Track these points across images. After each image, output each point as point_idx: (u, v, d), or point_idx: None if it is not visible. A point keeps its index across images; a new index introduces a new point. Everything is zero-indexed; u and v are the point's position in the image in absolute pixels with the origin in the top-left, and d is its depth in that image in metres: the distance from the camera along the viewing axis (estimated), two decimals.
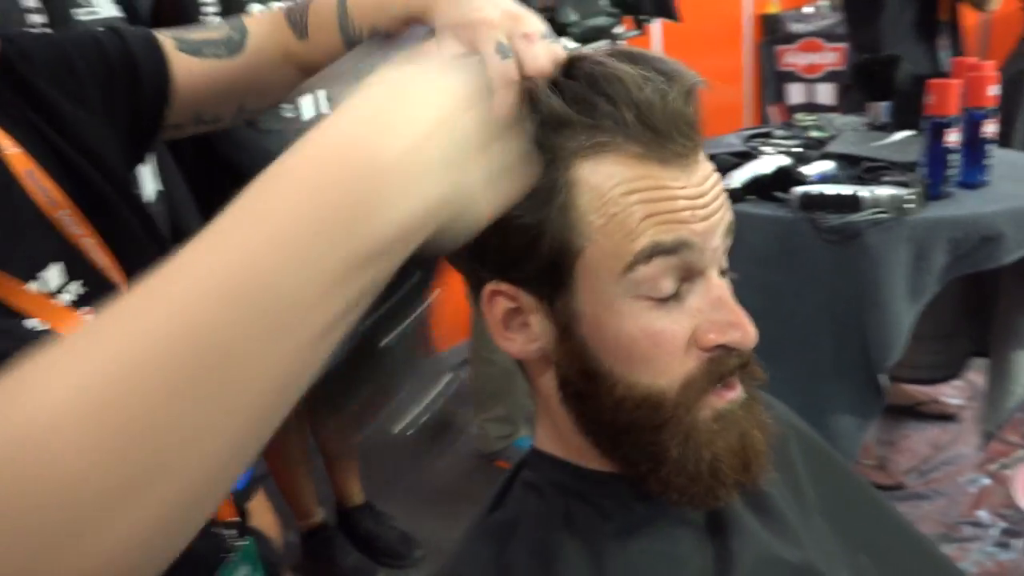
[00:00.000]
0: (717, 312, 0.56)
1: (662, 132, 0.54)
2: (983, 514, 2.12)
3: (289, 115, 1.71)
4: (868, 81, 1.59)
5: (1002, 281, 1.60)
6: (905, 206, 1.23)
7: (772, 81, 4.53)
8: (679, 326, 0.56)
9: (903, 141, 1.50)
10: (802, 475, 0.78)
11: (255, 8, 1.60)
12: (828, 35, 4.25)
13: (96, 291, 0.60)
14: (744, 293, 1.42)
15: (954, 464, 2.32)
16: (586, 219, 0.55)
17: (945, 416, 2.51)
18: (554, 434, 0.65)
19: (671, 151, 0.54)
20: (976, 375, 2.31)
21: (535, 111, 0.54)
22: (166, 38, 0.73)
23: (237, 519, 0.69)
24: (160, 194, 1.34)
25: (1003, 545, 2.01)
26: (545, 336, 0.59)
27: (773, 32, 4.48)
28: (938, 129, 1.30)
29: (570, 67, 0.56)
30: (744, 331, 0.56)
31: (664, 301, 0.55)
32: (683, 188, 0.54)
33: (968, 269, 1.25)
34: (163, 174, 1.36)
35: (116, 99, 0.69)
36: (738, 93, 4.51)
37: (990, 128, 1.36)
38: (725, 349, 0.56)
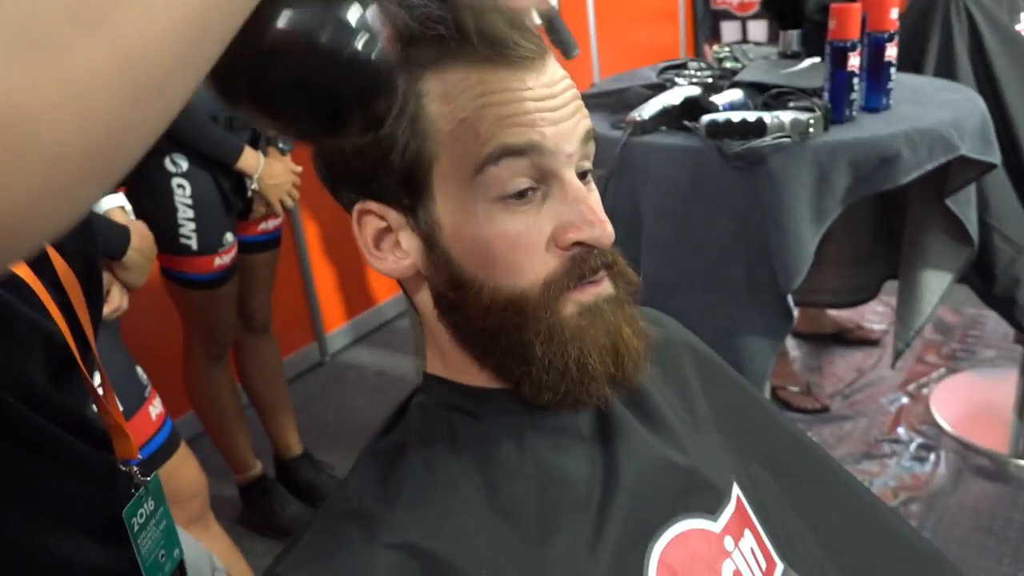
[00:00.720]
0: (574, 211, 0.58)
1: (504, 37, 0.56)
2: (902, 431, 2.22)
3: None
4: (778, 9, 1.61)
5: (909, 204, 1.65)
6: (809, 130, 1.26)
7: (707, 19, 4.53)
8: (535, 228, 0.58)
9: (811, 68, 1.52)
10: (695, 390, 0.80)
11: None
12: None
13: None
14: (657, 223, 1.45)
15: (876, 386, 2.42)
16: (436, 126, 0.56)
17: (869, 341, 2.61)
18: (439, 355, 0.66)
19: (515, 55, 0.56)
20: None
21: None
22: None
23: (139, 457, 0.69)
24: None
25: (920, 459, 2.11)
26: (414, 252, 0.60)
27: None
28: (840, 53, 1.32)
29: None
30: (602, 227, 0.58)
31: (520, 204, 0.57)
32: (530, 90, 0.56)
33: (868, 191, 1.28)
34: None
35: None
36: (675, 31, 4.51)
37: (892, 52, 1.38)
38: (585, 247, 0.58)
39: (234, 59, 0.36)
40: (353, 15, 0.38)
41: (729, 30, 4.45)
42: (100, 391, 0.68)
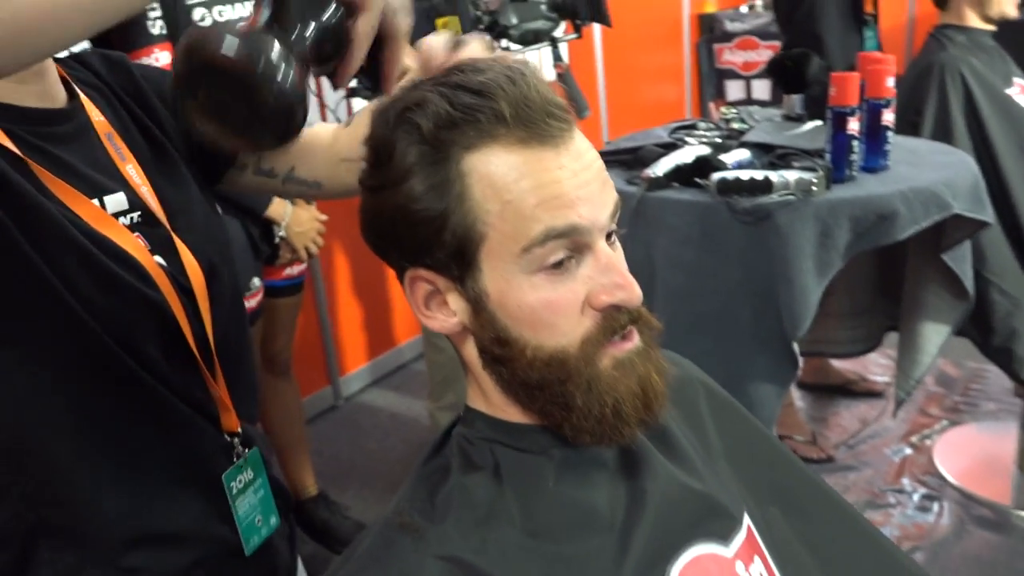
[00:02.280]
0: (605, 276, 0.65)
1: (536, 119, 0.62)
2: (905, 481, 2.26)
3: None
4: (783, 75, 1.71)
5: (909, 259, 1.73)
6: (812, 188, 1.34)
7: (712, 78, 4.66)
8: (572, 293, 0.65)
9: (813, 130, 1.61)
10: (710, 426, 0.87)
11: (197, 13, 1.65)
12: (763, 33, 4.40)
13: (146, 223, 0.75)
14: (669, 272, 1.53)
15: (880, 437, 2.46)
16: (483, 207, 0.63)
17: (873, 393, 2.66)
18: (480, 394, 0.73)
19: (547, 135, 0.63)
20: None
21: (427, 116, 0.63)
22: None
23: (240, 431, 0.79)
24: None
25: (923, 509, 2.14)
26: (461, 312, 0.68)
27: (711, 31, 4.62)
28: (840, 118, 1.41)
29: (451, 75, 0.66)
30: (630, 290, 0.65)
31: (558, 273, 0.64)
32: (563, 168, 0.63)
33: (868, 245, 1.36)
34: None
35: None
36: (681, 90, 4.65)
37: (889, 117, 1.47)
38: (615, 308, 0.66)
39: (190, 69, 0.58)
40: (278, 55, 0.58)
41: (734, 88, 4.57)
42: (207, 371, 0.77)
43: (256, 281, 1.85)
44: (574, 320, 0.65)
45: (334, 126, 0.89)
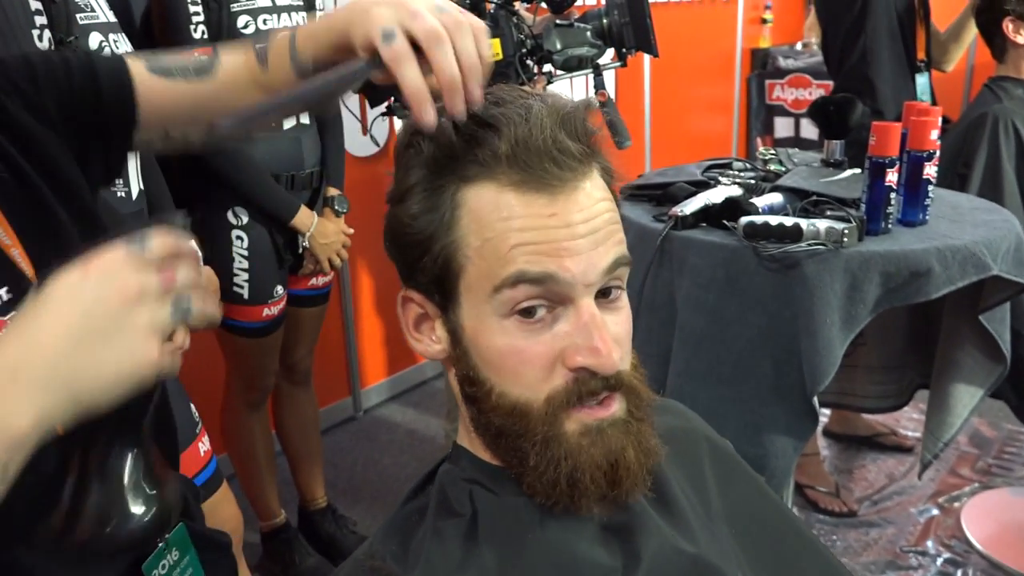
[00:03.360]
0: (581, 336, 0.61)
1: (533, 164, 0.60)
2: (930, 544, 2.17)
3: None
4: (824, 119, 1.67)
5: (944, 317, 1.67)
6: (843, 239, 1.30)
7: (760, 113, 4.61)
8: (544, 346, 0.62)
9: (851, 178, 1.57)
10: (711, 484, 0.83)
11: (241, 20, 1.66)
12: (816, 72, 4.34)
13: (20, 297, 0.64)
14: (690, 315, 1.49)
15: (906, 495, 2.38)
16: (466, 240, 0.61)
17: (902, 448, 2.57)
18: (465, 430, 0.71)
19: (545, 181, 0.60)
20: None
21: (432, 140, 0.62)
22: (136, 60, 0.78)
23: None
24: (141, 193, 1.40)
25: (946, 574, 2.06)
26: (444, 340, 0.66)
27: (763, 66, 4.57)
28: (879, 168, 1.36)
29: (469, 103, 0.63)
30: (607, 357, 0.61)
31: (529, 322, 0.61)
32: (555, 216, 0.60)
33: (898, 302, 1.31)
34: (144, 172, 1.42)
35: (79, 116, 0.74)
36: (728, 124, 4.60)
37: (930, 170, 1.42)
38: (588, 371, 0.62)
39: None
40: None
41: (782, 125, 4.52)
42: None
43: (279, 289, 1.86)
44: (542, 374, 0.62)
45: (246, 62, 0.79)
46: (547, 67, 1.99)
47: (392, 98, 1.75)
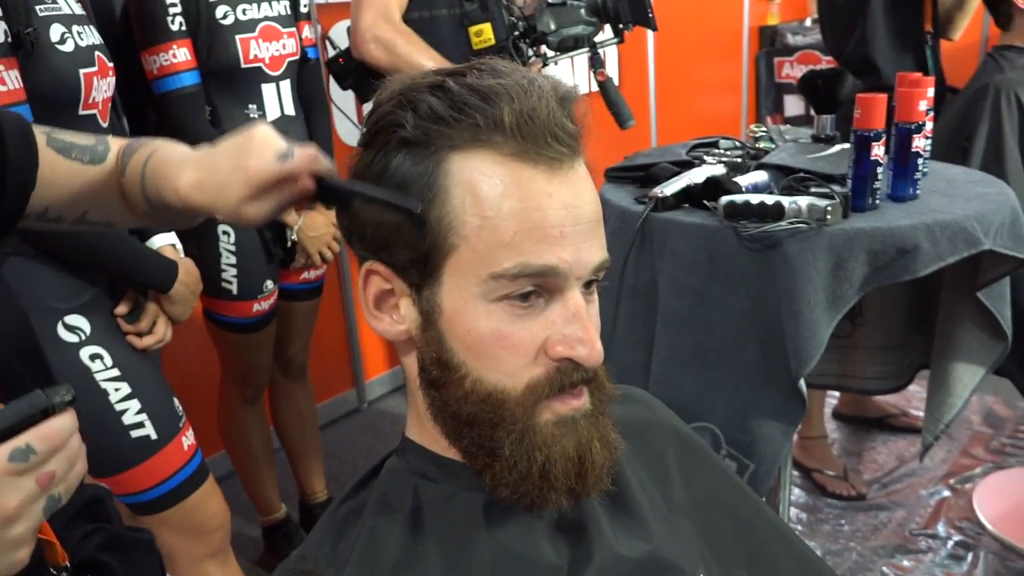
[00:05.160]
0: (569, 327, 0.60)
1: (538, 136, 0.57)
2: (940, 526, 2.13)
3: (253, 116, 1.76)
4: (814, 93, 1.62)
5: (942, 294, 1.62)
6: (826, 216, 1.26)
7: (770, 92, 4.54)
8: (530, 334, 0.60)
9: (839, 154, 1.52)
10: (674, 476, 0.81)
11: (220, 10, 1.64)
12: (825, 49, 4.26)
13: None
14: (673, 299, 1.46)
15: (917, 476, 2.33)
16: (461, 219, 0.58)
17: (913, 429, 2.52)
18: (416, 420, 0.68)
19: (545, 155, 0.57)
20: None
21: (414, 110, 0.58)
22: (40, 132, 0.76)
23: (67, 563, 0.69)
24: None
25: (957, 557, 2.02)
26: (411, 321, 0.63)
27: (772, 43, 4.49)
28: (864, 142, 1.32)
29: (467, 72, 0.60)
30: (591, 348, 0.60)
31: (522, 307, 0.59)
32: (552, 196, 0.57)
33: (886, 280, 1.27)
34: None
35: None
36: (737, 103, 4.53)
37: (920, 143, 1.37)
38: (571, 362, 0.60)
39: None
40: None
41: (792, 103, 4.44)
42: None
43: (269, 284, 1.85)
44: (523, 362, 0.60)
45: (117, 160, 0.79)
46: (542, 49, 1.96)
47: None
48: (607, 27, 1.91)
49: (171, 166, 0.72)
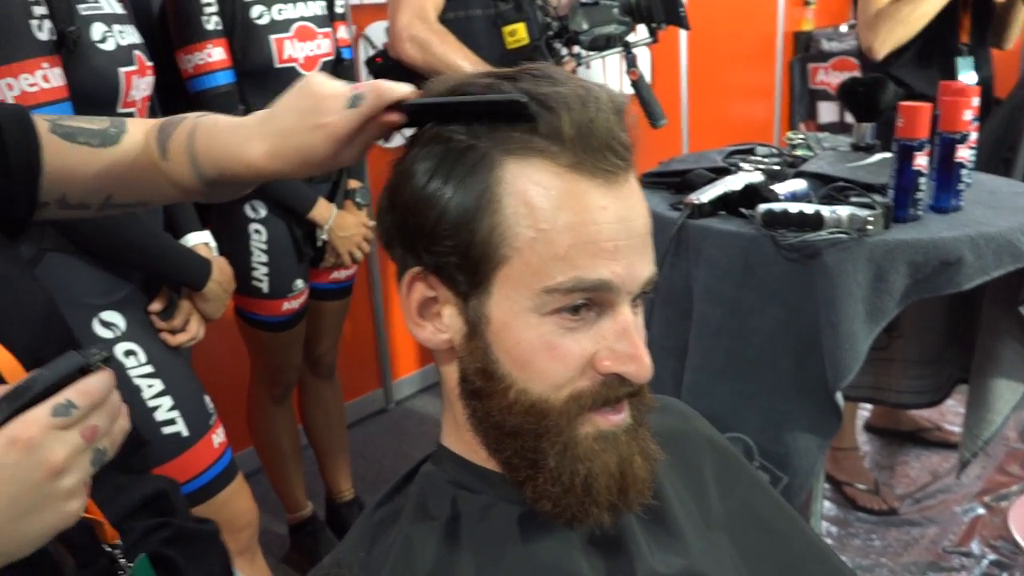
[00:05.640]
0: (619, 342, 0.59)
1: (596, 148, 0.56)
2: (975, 544, 2.08)
3: None
4: (854, 101, 1.59)
5: (984, 308, 1.58)
6: (867, 227, 1.23)
7: (804, 98, 4.48)
8: (579, 347, 0.58)
9: (879, 163, 1.49)
10: (711, 489, 0.79)
11: (255, 10, 1.65)
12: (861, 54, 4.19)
13: None
14: (707, 307, 1.44)
15: (951, 492, 2.29)
16: (514, 230, 0.57)
17: (947, 444, 2.47)
18: (454, 428, 0.67)
19: (601, 168, 0.57)
20: None
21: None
22: (41, 120, 0.75)
23: (118, 542, 0.69)
24: None
25: None
26: (454, 330, 0.62)
27: (806, 49, 4.44)
28: (907, 152, 1.29)
29: (524, 77, 0.59)
30: (640, 365, 0.59)
31: (573, 320, 0.58)
32: (606, 210, 0.56)
33: (928, 293, 1.24)
34: None
35: None
36: (770, 109, 4.48)
37: (964, 153, 1.34)
38: (618, 377, 0.59)
39: None
40: None
41: (826, 110, 4.38)
42: None
43: (299, 283, 1.85)
44: (571, 374, 0.59)
45: (149, 144, 0.77)
46: (576, 48, 1.94)
47: None
48: (639, 27, 1.90)
49: (228, 142, 0.71)
